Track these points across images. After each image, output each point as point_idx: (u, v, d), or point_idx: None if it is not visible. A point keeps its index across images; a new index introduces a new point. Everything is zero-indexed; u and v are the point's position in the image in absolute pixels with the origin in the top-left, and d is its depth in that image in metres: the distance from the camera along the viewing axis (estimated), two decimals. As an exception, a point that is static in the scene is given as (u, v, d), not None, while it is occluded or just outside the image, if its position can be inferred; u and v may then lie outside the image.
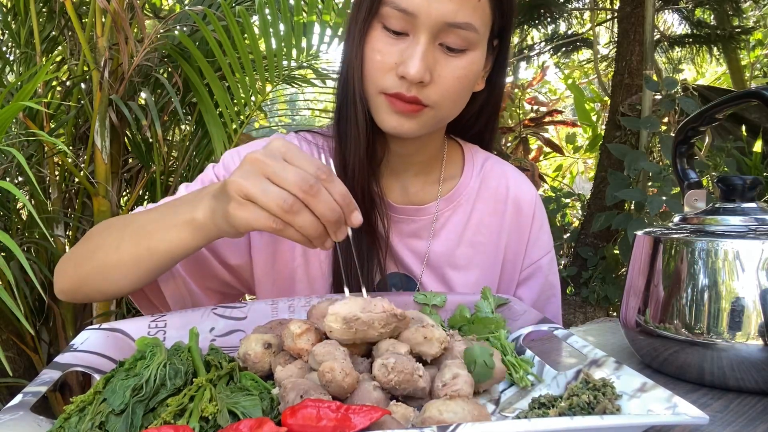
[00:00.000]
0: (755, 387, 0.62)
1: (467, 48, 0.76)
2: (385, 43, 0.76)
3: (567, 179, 5.31)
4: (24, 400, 0.48)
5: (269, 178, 0.54)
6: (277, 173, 0.54)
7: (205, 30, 1.71)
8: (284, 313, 0.72)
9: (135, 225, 0.70)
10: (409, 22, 0.74)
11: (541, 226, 0.97)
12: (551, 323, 0.68)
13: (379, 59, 0.76)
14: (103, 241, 0.72)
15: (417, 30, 0.74)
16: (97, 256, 0.72)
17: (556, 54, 4.63)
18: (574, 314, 3.14)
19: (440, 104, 0.78)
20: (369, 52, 0.77)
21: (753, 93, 0.69)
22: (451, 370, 0.53)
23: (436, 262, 0.89)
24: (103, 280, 0.72)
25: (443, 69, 0.75)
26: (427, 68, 0.73)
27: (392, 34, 0.75)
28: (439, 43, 0.75)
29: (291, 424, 0.44)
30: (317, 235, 0.56)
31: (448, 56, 0.76)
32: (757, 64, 5.77)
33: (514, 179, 0.96)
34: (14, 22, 1.98)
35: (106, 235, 0.73)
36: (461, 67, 0.77)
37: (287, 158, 0.56)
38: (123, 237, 0.70)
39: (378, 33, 0.76)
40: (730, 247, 0.62)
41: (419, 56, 0.73)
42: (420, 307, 0.74)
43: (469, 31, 0.75)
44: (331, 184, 0.55)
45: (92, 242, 0.75)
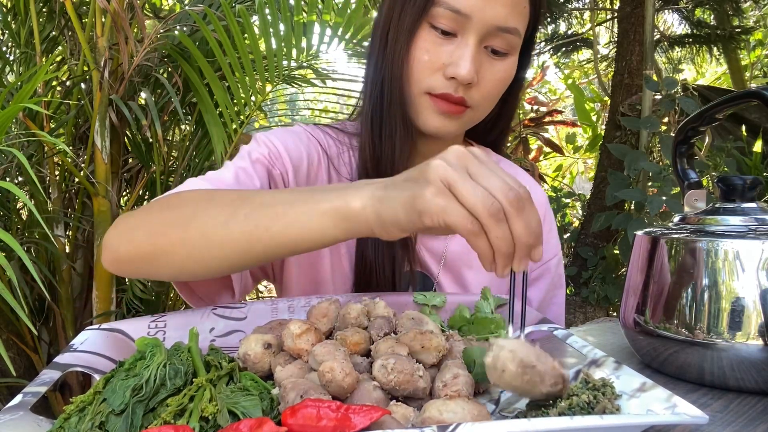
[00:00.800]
0: (755, 387, 0.62)
1: (509, 52, 0.78)
2: (433, 43, 0.75)
3: (567, 179, 5.32)
4: (24, 400, 0.48)
5: (474, 179, 0.48)
6: (483, 175, 0.48)
7: (206, 30, 1.71)
8: (284, 314, 0.72)
9: (255, 202, 0.58)
10: (460, 23, 0.74)
11: (551, 229, 0.98)
12: (551, 323, 0.68)
13: (427, 59, 0.76)
14: (204, 212, 0.60)
15: (467, 31, 0.74)
16: (193, 226, 0.59)
17: (556, 54, 4.63)
18: (574, 314, 3.14)
19: (480, 105, 0.79)
20: (416, 52, 0.76)
21: (753, 93, 0.69)
22: (451, 371, 0.54)
23: (453, 262, 0.90)
24: (190, 257, 0.61)
25: (487, 72, 0.77)
26: (476, 70, 0.75)
27: (440, 34, 0.75)
28: (485, 46, 0.76)
29: (291, 423, 0.44)
30: (507, 254, 0.48)
31: (492, 59, 0.77)
32: (757, 64, 5.77)
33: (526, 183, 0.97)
34: (14, 22, 1.98)
35: (207, 206, 0.61)
36: (503, 71, 0.78)
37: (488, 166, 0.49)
38: (236, 213, 0.58)
39: (425, 33, 0.76)
40: (730, 247, 0.62)
41: (470, 58, 0.73)
42: (420, 308, 0.74)
43: (515, 36, 0.76)
44: (532, 207, 0.48)
45: (183, 210, 0.62)
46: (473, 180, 0.48)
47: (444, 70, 0.75)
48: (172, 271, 0.64)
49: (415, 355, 0.56)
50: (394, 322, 0.64)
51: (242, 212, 0.58)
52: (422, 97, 0.78)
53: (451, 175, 0.47)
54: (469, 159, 0.49)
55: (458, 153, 0.49)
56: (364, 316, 0.63)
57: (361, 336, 0.59)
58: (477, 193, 0.46)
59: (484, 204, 0.46)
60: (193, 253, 0.60)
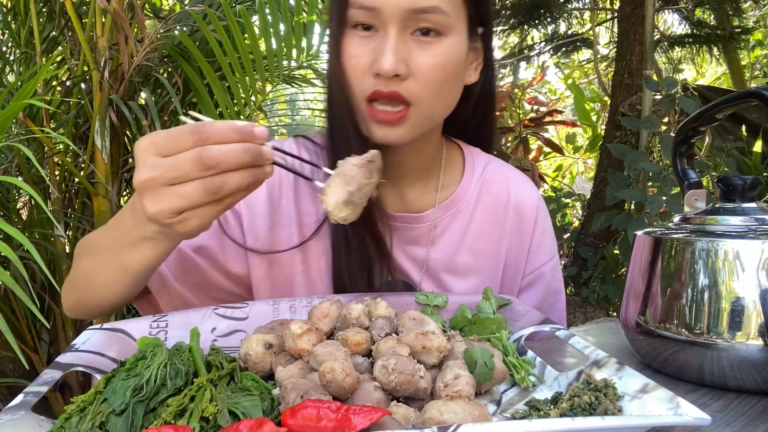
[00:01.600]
0: (755, 387, 0.62)
1: (441, 33, 0.74)
2: (357, 45, 0.75)
3: (567, 179, 5.32)
4: (25, 400, 0.48)
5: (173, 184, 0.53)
6: (174, 177, 0.53)
7: (206, 30, 1.71)
8: (285, 314, 0.72)
9: (100, 248, 0.70)
10: (375, 18, 0.73)
11: (544, 231, 0.94)
12: (553, 323, 0.68)
13: (355, 63, 0.75)
14: (84, 265, 0.73)
15: (384, 24, 0.73)
16: (83, 279, 0.73)
17: (556, 54, 4.63)
18: (574, 314, 3.14)
19: (423, 98, 0.75)
20: (346, 59, 0.76)
21: (753, 93, 0.69)
22: (452, 371, 0.53)
23: (435, 269, 0.88)
24: (95, 299, 0.74)
25: (419, 58, 0.73)
26: (400, 60, 0.72)
27: (363, 32, 0.75)
28: (411, 33, 0.74)
29: (291, 424, 0.44)
30: (254, 178, 0.55)
31: (422, 44, 0.74)
32: (757, 64, 5.77)
33: (515, 183, 0.94)
34: (14, 22, 1.98)
35: (84, 259, 0.73)
36: (438, 54, 0.74)
37: (162, 152, 0.53)
38: (96, 260, 0.70)
39: (350, 37, 0.75)
40: (730, 247, 0.62)
41: (390, 49, 0.71)
42: (421, 308, 0.74)
43: (438, 14, 0.73)
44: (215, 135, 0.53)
45: (77, 266, 0.76)
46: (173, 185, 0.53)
47: (371, 70, 0.74)
48: (98, 309, 0.76)
49: (417, 356, 0.56)
50: (396, 323, 0.64)
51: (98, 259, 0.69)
52: (362, 104, 0.76)
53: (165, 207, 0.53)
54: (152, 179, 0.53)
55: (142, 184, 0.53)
56: (365, 316, 0.63)
57: (362, 336, 0.59)
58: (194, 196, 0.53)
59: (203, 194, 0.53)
60: (97, 296, 0.72)
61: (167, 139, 0.53)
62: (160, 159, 0.53)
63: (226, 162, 0.52)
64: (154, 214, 0.54)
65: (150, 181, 0.53)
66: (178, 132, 0.53)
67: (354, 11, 0.74)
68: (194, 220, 0.55)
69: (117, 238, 0.66)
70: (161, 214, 0.54)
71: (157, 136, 0.54)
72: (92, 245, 0.73)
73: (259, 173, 0.55)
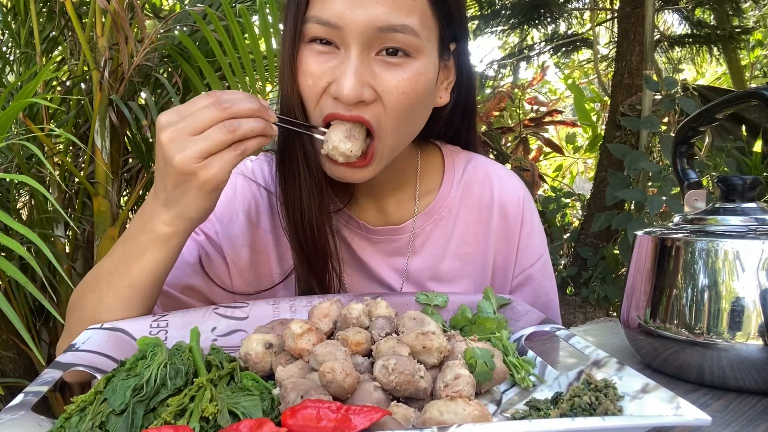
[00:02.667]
0: (755, 387, 0.62)
1: (409, 54, 0.68)
2: (315, 61, 0.68)
3: (567, 179, 5.31)
4: (25, 400, 0.48)
5: (194, 133, 0.59)
6: (195, 123, 0.59)
7: (206, 29, 1.71)
8: (286, 314, 0.72)
9: (104, 273, 0.70)
10: (336, 36, 0.66)
11: (531, 229, 0.90)
12: (553, 323, 0.68)
13: (311, 83, 0.68)
14: (86, 303, 0.71)
15: (346, 42, 0.66)
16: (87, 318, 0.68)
17: (556, 54, 4.63)
18: (574, 314, 3.14)
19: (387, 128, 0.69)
20: (302, 78, 0.69)
21: (753, 93, 0.69)
22: (452, 371, 0.53)
23: (418, 278, 0.86)
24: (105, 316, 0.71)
25: (386, 83, 0.67)
26: (363, 84, 0.66)
27: (321, 46, 0.68)
28: (376, 53, 0.67)
29: (291, 424, 0.44)
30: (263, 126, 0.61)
31: (388, 66, 0.67)
32: (757, 64, 5.77)
33: (499, 181, 0.90)
34: (14, 22, 1.98)
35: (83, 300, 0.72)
36: (406, 79, 0.67)
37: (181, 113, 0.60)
38: (100, 289, 0.69)
39: (306, 53, 0.68)
40: (730, 247, 0.62)
41: (352, 71, 0.65)
42: (422, 308, 0.74)
43: (407, 35, 0.66)
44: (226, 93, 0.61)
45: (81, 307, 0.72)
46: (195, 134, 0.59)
47: (329, 90, 0.67)
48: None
49: (417, 356, 0.56)
50: (396, 323, 0.64)
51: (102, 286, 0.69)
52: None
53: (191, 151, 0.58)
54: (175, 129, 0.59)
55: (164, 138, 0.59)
56: (365, 316, 0.63)
57: (362, 336, 0.59)
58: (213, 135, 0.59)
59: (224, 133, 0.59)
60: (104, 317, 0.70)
61: (186, 104, 0.61)
62: (182, 117, 0.60)
63: (239, 104, 0.60)
64: (180, 160, 0.58)
65: (175, 131, 0.59)
66: (195, 98, 0.61)
67: (312, 26, 0.67)
68: (216, 164, 0.59)
69: (123, 254, 0.68)
70: (186, 160, 0.58)
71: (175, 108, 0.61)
72: (93, 278, 0.72)
73: (267, 126, 0.62)
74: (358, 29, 0.65)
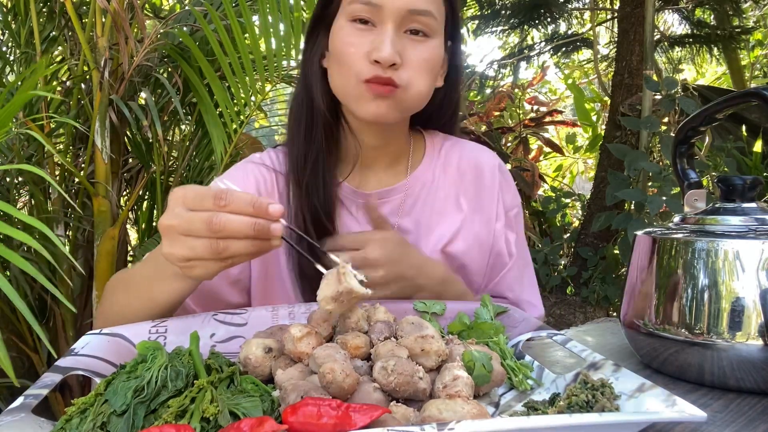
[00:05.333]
0: (755, 387, 0.62)
1: (429, 34, 0.86)
2: (356, 35, 0.84)
3: (567, 179, 5.32)
4: (25, 403, 0.48)
5: (187, 235, 0.60)
6: (188, 229, 0.60)
7: (207, 29, 1.71)
8: (285, 320, 0.72)
9: (134, 283, 0.78)
10: (375, 14, 0.83)
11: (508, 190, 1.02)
12: (549, 329, 0.69)
13: (354, 51, 0.83)
14: (118, 300, 0.80)
15: (383, 19, 0.82)
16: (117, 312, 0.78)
17: (556, 54, 4.63)
18: (574, 314, 3.14)
19: (410, 84, 0.85)
20: (343, 47, 0.84)
21: (753, 93, 0.69)
22: (451, 373, 0.54)
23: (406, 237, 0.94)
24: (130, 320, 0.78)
25: (411, 53, 0.84)
26: (396, 52, 0.82)
27: (361, 25, 0.84)
28: (404, 31, 0.84)
29: (292, 422, 0.44)
30: (256, 249, 0.61)
31: (414, 41, 0.85)
32: (757, 64, 5.77)
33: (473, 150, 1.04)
34: (14, 22, 1.98)
35: (118, 294, 0.81)
36: (426, 50, 0.86)
37: (188, 206, 0.61)
38: (129, 295, 0.78)
39: (347, 29, 0.84)
40: (730, 247, 0.62)
41: (389, 41, 0.81)
42: (420, 315, 0.74)
43: (429, 18, 0.84)
44: (232, 204, 0.59)
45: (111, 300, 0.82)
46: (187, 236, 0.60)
47: (369, 57, 0.82)
48: None
49: (416, 359, 0.56)
50: (394, 327, 0.64)
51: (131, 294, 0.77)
52: (360, 85, 0.83)
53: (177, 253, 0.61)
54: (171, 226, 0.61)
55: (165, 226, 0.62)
56: (364, 320, 0.64)
57: (361, 340, 0.59)
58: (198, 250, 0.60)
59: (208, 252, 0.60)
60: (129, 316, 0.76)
61: (195, 196, 0.60)
62: (183, 210, 0.61)
63: (232, 231, 0.59)
64: (166, 254, 0.62)
65: (170, 227, 0.61)
66: (205, 193, 0.60)
67: (355, 6, 0.83)
68: (198, 269, 0.62)
69: (150, 273, 0.74)
70: (171, 257, 0.62)
71: (188, 190, 0.61)
72: (126, 280, 0.82)
73: (264, 245, 0.61)
74: (395, 10, 0.82)
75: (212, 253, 0.59)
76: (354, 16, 0.84)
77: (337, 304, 0.61)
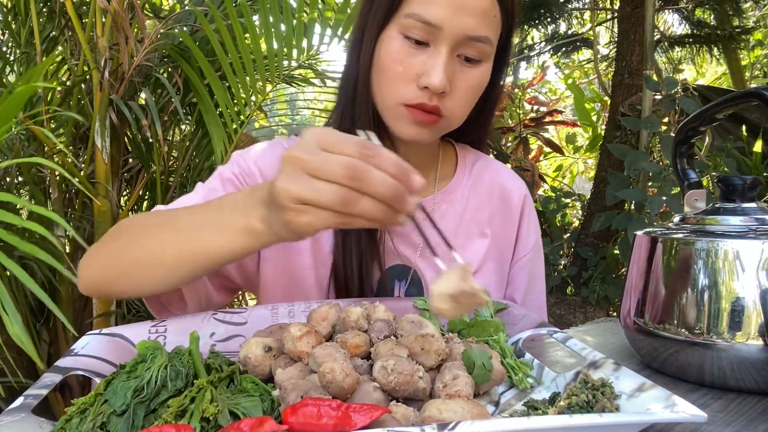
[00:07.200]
0: (755, 387, 0.62)
1: (482, 60, 0.80)
2: (406, 53, 0.77)
3: (567, 179, 5.32)
4: (25, 403, 0.48)
5: (314, 175, 0.50)
6: (320, 168, 0.50)
7: (207, 29, 1.71)
8: (284, 318, 0.72)
9: (177, 225, 0.66)
10: (431, 34, 0.76)
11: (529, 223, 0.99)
12: (550, 327, 0.69)
13: (401, 70, 0.78)
14: (141, 241, 0.68)
15: (439, 41, 0.76)
16: (133, 254, 0.68)
17: (556, 54, 4.63)
18: (574, 314, 3.14)
19: (454, 114, 0.81)
20: (390, 63, 0.78)
21: (753, 93, 0.69)
22: (451, 372, 0.54)
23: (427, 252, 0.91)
24: (139, 279, 0.69)
25: (460, 79, 0.79)
26: (448, 79, 0.76)
27: (413, 44, 0.77)
28: (457, 55, 0.78)
29: (292, 422, 0.44)
30: (384, 216, 0.51)
31: (465, 67, 0.79)
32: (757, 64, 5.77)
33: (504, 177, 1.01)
34: (14, 22, 1.98)
35: (142, 234, 0.69)
36: (476, 78, 0.80)
37: (325, 147, 0.51)
38: (164, 238, 0.66)
39: (398, 43, 0.78)
40: (730, 247, 0.62)
41: (442, 67, 0.75)
42: (420, 313, 0.74)
43: (486, 44, 0.78)
44: (378, 158, 0.50)
45: (126, 239, 0.71)
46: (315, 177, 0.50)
47: (417, 81, 0.77)
48: (132, 290, 0.72)
49: (415, 358, 0.56)
50: (394, 326, 0.64)
51: (168, 238, 0.65)
52: (399, 107, 0.79)
53: (294, 190, 0.51)
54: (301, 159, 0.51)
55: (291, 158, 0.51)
56: (364, 319, 0.63)
57: (361, 339, 0.59)
58: (323, 194, 0.50)
59: (333, 201, 0.50)
60: (141, 276, 0.68)
61: (337, 137, 0.52)
62: (317, 149, 0.51)
63: (371, 185, 0.50)
64: (280, 188, 0.52)
65: (297, 159, 0.51)
66: (350, 137, 0.52)
67: (412, 22, 0.76)
68: (308, 217, 0.52)
69: (204, 222, 0.63)
70: (285, 193, 0.51)
71: (330, 132, 0.52)
72: (154, 223, 0.69)
73: (391, 216, 0.52)
74: (454, 34, 0.75)
75: (338, 201, 0.50)
76: (408, 32, 0.77)
77: (454, 304, 0.53)
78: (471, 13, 0.75)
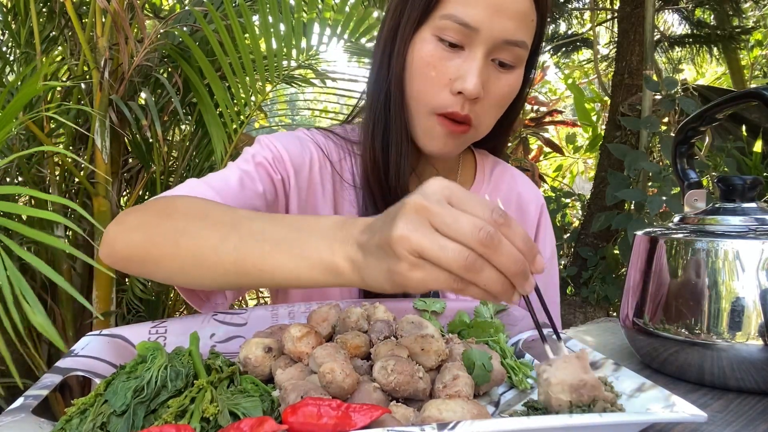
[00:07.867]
0: (755, 387, 0.62)
1: (516, 65, 0.77)
2: (440, 57, 0.74)
3: (567, 179, 5.32)
4: (25, 403, 0.48)
5: (441, 230, 0.45)
6: (449, 224, 0.45)
7: (207, 29, 1.71)
8: (284, 319, 0.72)
9: (245, 232, 0.57)
10: (467, 36, 0.73)
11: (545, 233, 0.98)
12: (549, 328, 0.68)
13: (434, 75, 0.74)
14: (196, 232, 0.60)
15: (474, 45, 0.73)
16: (184, 244, 0.60)
17: (556, 54, 4.63)
18: (574, 314, 3.14)
19: (483, 122, 0.79)
20: (422, 67, 0.75)
21: (753, 93, 0.69)
22: (451, 372, 0.54)
23: None
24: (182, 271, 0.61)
25: (493, 85, 0.76)
26: (482, 84, 0.74)
27: (447, 47, 0.74)
28: (492, 59, 0.75)
29: (292, 422, 0.44)
30: (502, 291, 0.46)
31: (499, 72, 0.76)
32: (757, 64, 5.77)
33: (522, 185, 1.00)
34: (14, 22, 1.98)
35: (200, 225, 0.60)
36: (508, 84, 0.78)
37: (454, 202, 0.46)
38: (226, 240, 0.57)
39: (431, 46, 0.75)
40: (730, 247, 0.62)
41: (477, 72, 0.73)
42: (419, 313, 0.74)
43: (522, 49, 0.76)
44: (509, 229, 0.46)
45: (177, 224, 0.62)
46: (441, 233, 0.45)
47: (451, 86, 0.74)
48: (164, 276, 0.65)
49: (415, 358, 0.56)
50: (394, 326, 0.64)
51: (232, 241, 0.57)
52: (430, 118, 0.76)
53: (417, 242, 0.45)
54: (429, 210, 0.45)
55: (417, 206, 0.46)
56: (363, 320, 0.63)
57: (361, 339, 0.59)
58: (448, 253, 0.44)
59: (457, 261, 0.44)
60: (184, 268, 0.61)
61: (465, 194, 0.47)
62: (445, 201, 0.46)
63: (500, 256, 0.45)
64: (399, 236, 0.45)
65: (424, 209, 0.45)
66: (479, 198, 0.47)
67: (448, 23, 0.73)
68: (422, 273, 0.45)
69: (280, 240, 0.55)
70: (405, 242, 0.45)
71: (457, 187, 0.47)
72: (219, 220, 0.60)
73: (509, 292, 0.47)
74: (491, 37, 0.72)
75: (463, 265, 0.44)
76: (443, 34, 0.74)
77: (576, 395, 0.48)
78: (510, 15, 0.72)
